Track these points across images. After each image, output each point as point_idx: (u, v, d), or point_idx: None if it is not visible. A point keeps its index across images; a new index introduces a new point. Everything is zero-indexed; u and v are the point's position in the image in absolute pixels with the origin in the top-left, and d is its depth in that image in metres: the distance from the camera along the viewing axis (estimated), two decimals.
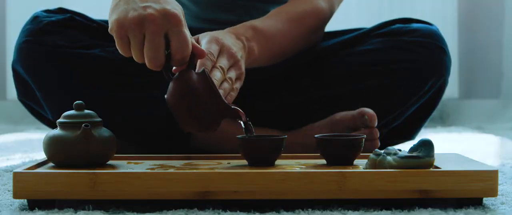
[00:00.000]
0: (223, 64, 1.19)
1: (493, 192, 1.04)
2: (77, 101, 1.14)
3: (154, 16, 1.08)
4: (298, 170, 1.10)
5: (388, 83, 1.53)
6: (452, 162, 1.15)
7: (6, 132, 2.57)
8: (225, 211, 1.02)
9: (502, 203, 1.08)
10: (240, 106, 1.15)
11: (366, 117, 1.45)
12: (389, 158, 1.06)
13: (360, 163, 1.16)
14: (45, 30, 1.49)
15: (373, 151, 1.09)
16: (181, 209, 1.03)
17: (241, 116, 1.14)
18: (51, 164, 1.15)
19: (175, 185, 1.03)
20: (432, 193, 1.03)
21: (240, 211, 1.03)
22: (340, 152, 1.15)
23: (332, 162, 1.16)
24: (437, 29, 1.59)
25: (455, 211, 1.02)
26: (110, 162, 1.18)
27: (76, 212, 1.02)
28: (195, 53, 1.13)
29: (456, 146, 2.05)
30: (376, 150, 1.09)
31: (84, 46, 1.49)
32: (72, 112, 1.14)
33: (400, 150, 1.08)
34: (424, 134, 2.07)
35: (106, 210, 1.03)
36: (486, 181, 1.04)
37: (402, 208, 1.03)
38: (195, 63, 1.15)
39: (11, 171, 1.44)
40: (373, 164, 1.08)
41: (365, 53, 1.57)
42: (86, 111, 1.14)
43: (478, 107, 2.96)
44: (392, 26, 1.61)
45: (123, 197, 1.04)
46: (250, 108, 1.22)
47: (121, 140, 1.34)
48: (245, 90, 1.34)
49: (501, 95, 2.96)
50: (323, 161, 1.18)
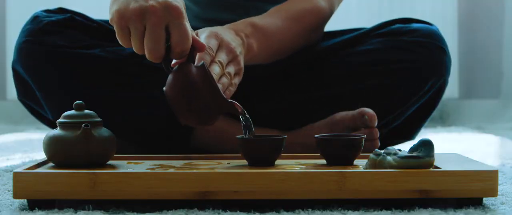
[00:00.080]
0: (222, 59, 1.19)
1: (493, 192, 1.04)
2: (77, 101, 1.14)
3: (156, 8, 1.08)
4: (298, 170, 1.10)
5: (388, 83, 1.53)
6: (452, 162, 1.15)
7: (6, 132, 2.56)
8: (225, 211, 1.02)
9: (502, 203, 1.08)
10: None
11: (366, 117, 1.45)
12: (389, 158, 1.06)
13: (360, 163, 1.16)
14: (45, 30, 1.49)
15: (373, 151, 1.09)
16: (181, 209, 1.03)
17: (239, 110, 1.13)
18: (51, 164, 1.15)
19: (175, 185, 1.03)
20: (432, 193, 1.03)
21: (240, 211, 1.03)
22: (340, 152, 1.15)
23: (332, 162, 1.16)
24: (437, 29, 1.59)
25: (455, 211, 1.02)
26: (110, 162, 1.18)
27: (76, 212, 1.02)
28: (195, 47, 1.12)
29: (456, 146, 2.05)
30: (376, 150, 1.09)
31: (84, 46, 1.49)
32: (72, 112, 1.14)
33: (400, 150, 1.08)
34: (424, 134, 2.07)
35: (106, 210, 1.03)
36: (486, 181, 1.04)
37: (402, 208, 1.03)
38: (195, 56, 1.14)
39: (11, 171, 1.44)
40: (373, 164, 1.08)
41: (365, 53, 1.57)
42: (86, 111, 1.14)
43: (478, 107, 2.96)
44: (392, 26, 1.61)
45: (123, 197, 1.04)
46: (250, 108, 1.21)
47: (121, 140, 1.34)
48: (245, 90, 1.34)
49: (501, 95, 2.96)
50: (323, 161, 1.18)
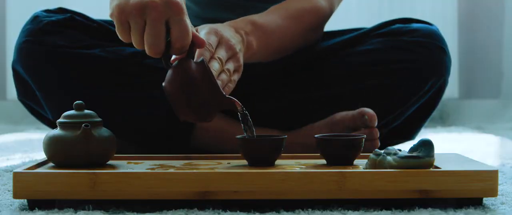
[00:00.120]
0: (221, 55, 1.19)
1: (493, 192, 1.04)
2: (77, 101, 1.14)
3: (156, 3, 1.07)
4: (298, 170, 1.10)
5: (388, 83, 1.53)
6: (452, 162, 1.15)
7: (6, 132, 2.56)
8: (225, 211, 1.02)
9: (502, 203, 1.08)
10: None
11: (366, 117, 1.45)
12: (389, 158, 1.06)
13: (360, 163, 1.16)
14: (45, 30, 1.49)
15: (373, 151, 1.09)
16: (181, 209, 1.03)
17: (238, 106, 1.13)
18: (51, 164, 1.15)
19: (175, 185, 1.03)
20: (432, 193, 1.03)
21: (240, 211, 1.03)
22: (340, 152, 1.15)
23: (332, 162, 1.16)
24: (437, 29, 1.59)
25: (455, 211, 1.02)
26: (110, 162, 1.18)
27: (76, 212, 1.02)
28: (194, 43, 1.12)
29: (456, 146, 2.05)
30: (376, 150, 1.09)
31: (84, 46, 1.49)
32: (72, 112, 1.14)
33: (400, 150, 1.08)
34: (424, 134, 2.07)
35: (106, 210, 1.03)
36: (486, 181, 1.04)
37: (402, 208, 1.03)
38: (194, 52, 1.14)
39: (11, 171, 1.44)
40: (373, 164, 1.08)
41: (365, 53, 1.57)
42: (86, 111, 1.14)
43: (478, 107, 2.96)
44: (392, 26, 1.61)
45: (123, 197, 1.04)
46: (250, 107, 1.21)
47: (121, 140, 1.34)
48: (245, 89, 1.34)
49: (501, 95, 2.96)
50: (323, 161, 1.18)
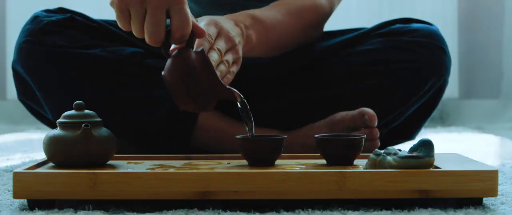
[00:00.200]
0: (220, 46, 1.19)
1: (493, 192, 1.04)
2: (77, 101, 1.14)
3: None
4: (298, 170, 1.10)
5: (388, 83, 1.53)
6: (452, 162, 1.15)
7: (6, 132, 2.56)
8: (225, 211, 1.02)
9: (502, 203, 1.08)
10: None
11: (366, 117, 1.45)
12: (389, 158, 1.06)
13: (360, 163, 1.16)
14: (45, 30, 1.48)
15: (373, 151, 1.09)
16: (181, 209, 1.03)
17: (237, 97, 1.13)
18: (51, 164, 1.15)
19: (175, 185, 1.03)
20: (432, 193, 1.03)
21: (240, 211, 1.03)
22: (340, 152, 1.15)
23: (332, 162, 1.16)
24: (437, 29, 1.59)
25: (455, 211, 1.02)
26: (110, 162, 1.18)
27: (76, 212, 1.02)
28: (194, 33, 1.12)
29: (456, 146, 2.05)
30: (376, 150, 1.09)
31: (84, 46, 1.49)
32: (72, 112, 1.14)
33: (400, 150, 1.08)
34: (424, 134, 2.06)
35: (106, 210, 1.03)
36: (486, 181, 1.04)
37: (402, 208, 1.03)
38: (194, 42, 1.14)
39: (11, 171, 1.44)
40: (373, 164, 1.08)
41: (365, 53, 1.57)
42: (86, 111, 1.14)
43: (478, 107, 2.96)
44: (392, 26, 1.61)
45: (123, 197, 1.04)
46: (250, 107, 1.21)
47: (121, 140, 1.34)
48: (246, 90, 1.34)
49: (501, 95, 2.96)
50: (323, 161, 1.18)
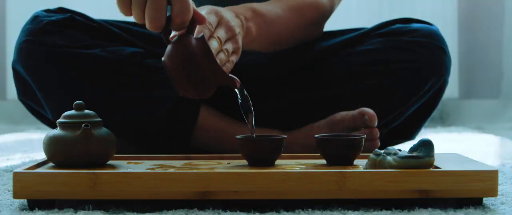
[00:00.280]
0: (220, 35, 1.19)
1: (493, 192, 1.04)
2: (77, 101, 1.14)
3: None
4: (298, 170, 1.10)
5: (388, 83, 1.53)
6: (452, 162, 1.15)
7: (6, 132, 2.56)
8: (225, 211, 1.02)
9: (502, 203, 1.08)
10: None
11: (366, 117, 1.45)
12: (389, 158, 1.06)
13: (360, 163, 1.16)
14: (45, 30, 1.48)
15: (373, 151, 1.09)
16: (181, 209, 1.03)
17: (237, 84, 1.13)
18: (51, 164, 1.15)
19: (175, 185, 1.03)
20: (432, 193, 1.03)
21: (240, 211, 1.03)
22: (340, 152, 1.15)
23: (332, 162, 1.16)
24: (437, 29, 1.59)
25: (455, 211, 1.02)
26: (110, 162, 1.18)
27: (76, 212, 1.02)
28: (195, 19, 1.12)
29: (456, 146, 2.05)
30: (376, 150, 1.09)
31: (84, 46, 1.49)
32: (72, 112, 1.14)
33: (400, 150, 1.08)
34: (424, 134, 2.07)
35: (106, 210, 1.03)
36: (486, 181, 1.04)
37: (402, 208, 1.03)
38: (194, 29, 1.13)
39: (11, 171, 1.44)
40: (373, 164, 1.08)
41: (365, 53, 1.57)
42: (86, 111, 1.14)
43: (478, 107, 2.96)
44: (392, 26, 1.61)
45: (123, 197, 1.04)
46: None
47: (121, 140, 1.34)
48: (246, 89, 1.34)
49: (501, 95, 2.96)
50: (323, 161, 1.18)
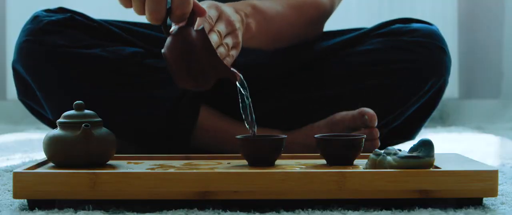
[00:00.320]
0: (220, 29, 1.19)
1: (493, 192, 1.04)
2: (77, 101, 1.14)
3: None
4: (298, 170, 1.10)
5: (388, 83, 1.53)
6: (452, 162, 1.15)
7: (6, 132, 2.56)
8: (225, 211, 1.02)
9: (502, 203, 1.08)
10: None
11: (366, 117, 1.45)
12: (389, 158, 1.06)
13: (360, 163, 1.16)
14: (45, 29, 1.48)
15: (373, 151, 1.09)
16: (181, 209, 1.03)
17: (237, 77, 1.13)
18: (51, 164, 1.15)
19: (175, 185, 1.03)
20: (432, 193, 1.03)
21: (240, 211, 1.03)
22: (340, 152, 1.15)
23: (332, 162, 1.16)
24: (437, 29, 1.59)
25: (455, 211, 1.02)
26: (110, 162, 1.18)
27: (76, 212, 1.02)
28: (195, 11, 1.12)
29: (456, 146, 2.05)
30: (376, 150, 1.09)
31: (84, 46, 1.49)
32: (72, 112, 1.14)
33: (400, 150, 1.08)
34: (424, 134, 2.06)
35: (106, 210, 1.03)
36: (486, 181, 1.04)
37: (402, 208, 1.03)
38: (195, 21, 1.13)
39: (11, 171, 1.44)
40: (373, 164, 1.08)
41: (365, 53, 1.57)
42: (86, 111, 1.14)
43: (478, 107, 2.96)
44: (392, 26, 1.61)
45: (123, 197, 1.04)
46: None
47: (121, 140, 1.34)
48: None
49: (501, 95, 2.96)
50: (323, 161, 1.18)
